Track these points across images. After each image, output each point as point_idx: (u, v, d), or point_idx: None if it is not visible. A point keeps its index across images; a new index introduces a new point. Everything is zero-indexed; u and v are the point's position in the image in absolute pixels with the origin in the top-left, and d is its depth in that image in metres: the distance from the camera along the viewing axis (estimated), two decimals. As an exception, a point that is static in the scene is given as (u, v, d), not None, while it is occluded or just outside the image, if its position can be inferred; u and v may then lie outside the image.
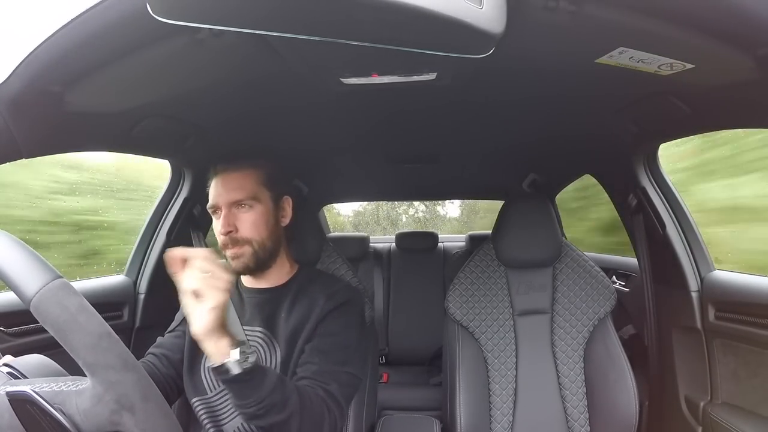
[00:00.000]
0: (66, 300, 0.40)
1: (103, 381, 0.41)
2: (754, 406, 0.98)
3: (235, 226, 0.79)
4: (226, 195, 0.80)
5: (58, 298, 0.39)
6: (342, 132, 1.21)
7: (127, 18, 0.51)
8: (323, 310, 0.80)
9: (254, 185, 0.82)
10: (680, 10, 0.51)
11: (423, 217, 9.01)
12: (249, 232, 0.80)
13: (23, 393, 0.42)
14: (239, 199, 0.79)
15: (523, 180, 1.85)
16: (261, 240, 0.81)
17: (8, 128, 0.61)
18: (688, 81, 0.68)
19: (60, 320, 0.39)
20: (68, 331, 0.39)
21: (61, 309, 0.39)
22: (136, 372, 0.43)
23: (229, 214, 0.79)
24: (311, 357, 0.76)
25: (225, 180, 0.81)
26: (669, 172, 1.19)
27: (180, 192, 1.30)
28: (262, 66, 0.72)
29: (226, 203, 0.79)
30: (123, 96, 0.74)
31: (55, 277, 0.40)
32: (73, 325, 0.39)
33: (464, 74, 0.78)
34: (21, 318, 0.95)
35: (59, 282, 0.40)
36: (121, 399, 0.41)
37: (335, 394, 0.73)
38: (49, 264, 0.41)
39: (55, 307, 0.39)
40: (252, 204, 0.80)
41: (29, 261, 0.40)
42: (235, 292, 0.87)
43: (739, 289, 1.01)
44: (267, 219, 0.82)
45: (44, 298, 0.39)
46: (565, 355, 1.13)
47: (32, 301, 0.39)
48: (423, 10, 0.39)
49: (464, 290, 1.17)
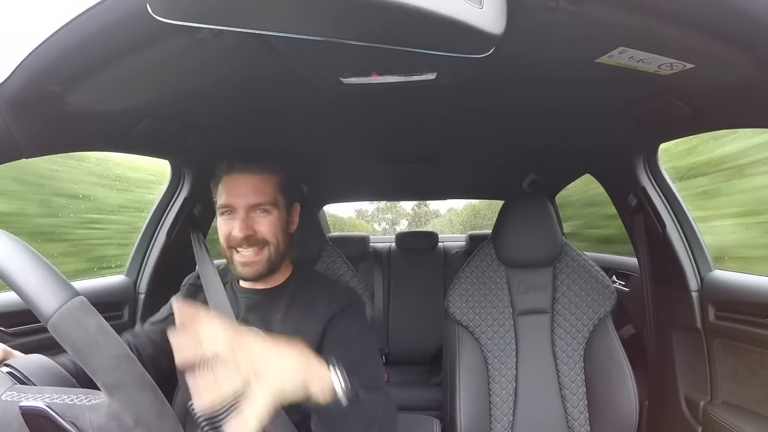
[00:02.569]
0: (85, 320, 0.39)
1: (120, 400, 0.41)
2: (754, 406, 0.98)
3: (253, 228, 0.77)
4: (246, 197, 0.77)
5: (78, 318, 0.39)
6: (342, 132, 1.21)
7: (127, 18, 0.51)
8: (327, 312, 0.79)
9: (274, 190, 0.80)
10: (680, 10, 0.51)
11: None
12: (267, 235, 0.78)
13: (38, 409, 0.42)
14: (260, 203, 0.78)
15: (523, 180, 1.85)
16: (277, 244, 0.80)
17: (8, 128, 0.61)
18: (688, 81, 0.68)
19: (80, 342, 0.39)
20: (88, 353, 0.39)
21: (80, 330, 0.39)
22: (152, 392, 0.43)
23: (247, 218, 0.77)
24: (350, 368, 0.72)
25: (244, 181, 0.79)
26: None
27: (180, 192, 1.30)
28: (262, 66, 0.72)
29: (245, 206, 0.77)
30: (123, 96, 0.74)
31: (73, 295, 0.40)
32: (93, 347, 0.39)
33: (464, 74, 0.78)
34: (21, 318, 0.95)
35: (78, 301, 0.40)
36: (138, 418, 0.41)
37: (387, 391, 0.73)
38: (67, 281, 0.41)
39: (75, 327, 0.39)
40: (271, 210, 0.79)
41: (48, 277, 0.40)
42: (230, 291, 0.87)
43: (739, 289, 1.01)
44: (282, 225, 0.81)
45: (63, 317, 0.39)
46: (565, 355, 1.13)
47: (51, 320, 0.38)
48: (423, 10, 0.39)
49: (464, 290, 1.17)
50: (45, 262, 0.41)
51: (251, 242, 0.77)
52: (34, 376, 0.52)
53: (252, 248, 0.78)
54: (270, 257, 0.79)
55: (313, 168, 1.62)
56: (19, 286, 0.39)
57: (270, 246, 0.79)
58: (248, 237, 0.76)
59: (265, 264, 0.79)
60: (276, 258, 0.80)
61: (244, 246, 0.77)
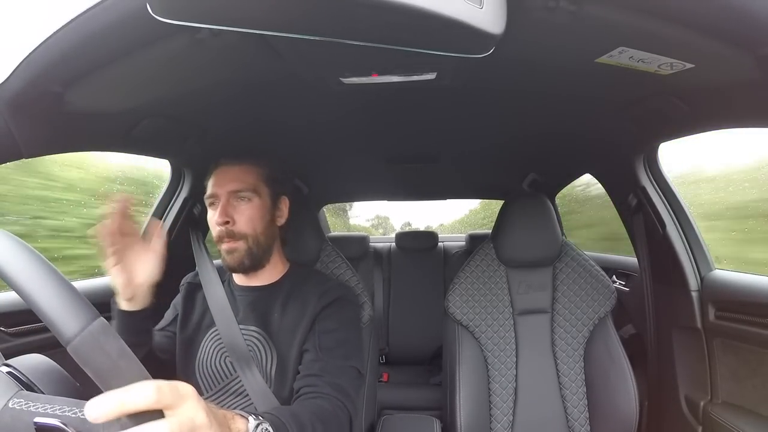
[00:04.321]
0: (107, 344, 0.39)
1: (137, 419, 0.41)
2: (754, 406, 0.98)
3: (232, 217, 0.79)
4: (227, 185, 0.81)
5: (100, 343, 0.39)
6: (342, 132, 1.21)
7: (127, 18, 0.51)
8: (316, 308, 0.80)
9: (255, 179, 0.83)
10: (680, 10, 0.51)
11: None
12: (245, 225, 0.80)
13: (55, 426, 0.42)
14: (239, 189, 0.80)
15: (523, 180, 1.85)
16: (255, 235, 0.81)
17: (8, 128, 0.61)
18: (688, 81, 0.68)
19: (103, 367, 0.39)
20: (110, 378, 0.39)
21: (103, 355, 0.39)
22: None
23: (228, 205, 0.80)
24: (315, 355, 0.77)
25: (226, 172, 0.82)
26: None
27: (180, 192, 1.30)
28: (262, 66, 0.72)
29: (225, 192, 0.80)
30: (123, 96, 0.74)
31: (94, 318, 0.40)
32: (115, 371, 0.39)
33: (464, 74, 0.78)
34: (21, 318, 0.95)
35: (99, 324, 0.39)
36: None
37: (346, 388, 0.73)
38: (86, 301, 0.41)
39: (97, 352, 0.38)
40: (251, 197, 0.81)
41: (69, 298, 0.40)
42: (228, 289, 0.87)
43: (739, 289, 1.01)
44: (263, 214, 0.83)
45: (85, 341, 0.38)
46: (565, 355, 1.13)
47: (72, 344, 0.38)
48: (423, 10, 0.39)
49: (464, 290, 1.17)
50: (65, 280, 0.41)
51: (229, 234, 0.79)
52: (35, 376, 0.52)
53: (231, 239, 0.80)
54: (249, 248, 0.81)
55: (313, 168, 1.62)
56: (40, 306, 0.39)
57: (248, 237, 0.80)
58: (225, 224, 0.79)
59: (245, 253, 0.80)
60: (257, 248, 0.82)
61: (225, 237, 0.80)
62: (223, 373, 0.80)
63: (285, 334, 0.80)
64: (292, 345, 0.79)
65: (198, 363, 0.82)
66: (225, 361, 0.80)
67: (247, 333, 0.81)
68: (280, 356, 0.79)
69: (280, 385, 0.78)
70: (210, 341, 0.83)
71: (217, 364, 0.81)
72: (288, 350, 0.79)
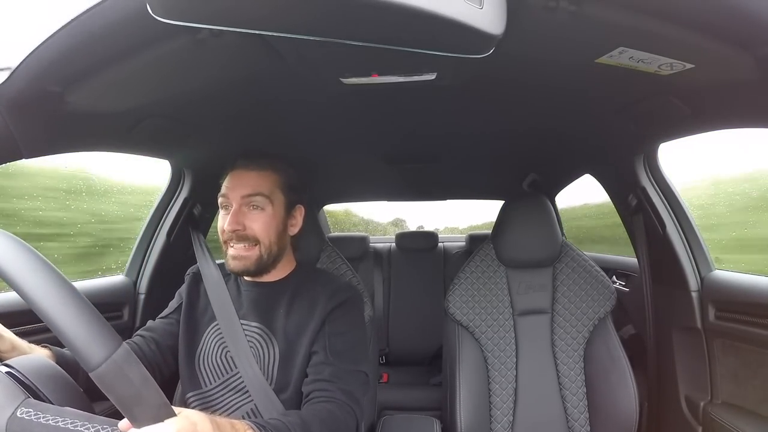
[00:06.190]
0: (130, 372, 0.40)
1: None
2: (754, 406, 0.98)
3: (243, 224, 0.77)
4: (240, 189, 0.78)
5: (124, 371, 0.39)
6: (342, 132, 1.21)
7: (127, 18, 0.51)
8: (326, 308, 0.80)
9: (271, 186, 0.80)
10: (680, 10, 0.51)
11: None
12: (257, 233, 0.78)
13: None
14: (251, 194, 0.78)
15: (523, 180, 1.85)
16: (267, 244, 0.79)
17: (8, 128, 0.61)
18: (688, 81, 0.68)
19: (125, 394, 0.40)
20: (132, 405, 0.40)
21: (126, 382, 0.40)
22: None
23: (239, 212, 0.78)
24: (325, 358, 0.76)
25: (242, 175, 0.79)
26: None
27: (180, 192, 1.30)
28: (262, 66, 0.72)
29: (238, 197, 0.78)
30: (123, 96, 0.74)
31: (118, 345, 0.40)
32: (137, 398, 0.40)
33: (464, 74, 0.78)
34: (21, 318, 0.94)
35: (123, 352, 0.40)
36: None
37: (355, 394, 0.73)
38: (110, 327, 0.41)
39: (121, 380, 0.39)
40: (264, 205, 0.79)
41: (95, 325, 0.40)
42: (234, 284, 0.87)
43: (739, 289, 1.01)
44: (277, 224, 0.81)
45: (110, 370, 0.39)
46: (565, 355, 1.13)
47: (96, 372, 0.39)
48: (423, 10, 0.39)
49: (464, 290, 1.17)
50: (91, 306, 0.41)
51: (240, 238, 0.78)
52: (40, 381, 0.52)
53: (242, 243, 0.78)
54: (260, 256, 0.79)
55: (313, 168, 1.62)
56: (66, 333, 0.39)
57: (261, 245, 0.79)
58: (236, 231, 0.77)
59: (254, 261, 0.79)
60: (267, 258, 0.80)
61: (234, 240, 0.78)
62: (223, 368, 0.80)
63: (290, 332, 0.79)
64: (299, 343, 0.78)
65: (199, 356, 0.82)
66: (226, 356, 0.80)
67: (248, 328, 0.81)
68: (282, 353, 0.78)
69: (282, 383, 0.77)
70: (211, 335, 0.83)
71: (217, 359, 0.80)
72: (293, 348, 0.78)
